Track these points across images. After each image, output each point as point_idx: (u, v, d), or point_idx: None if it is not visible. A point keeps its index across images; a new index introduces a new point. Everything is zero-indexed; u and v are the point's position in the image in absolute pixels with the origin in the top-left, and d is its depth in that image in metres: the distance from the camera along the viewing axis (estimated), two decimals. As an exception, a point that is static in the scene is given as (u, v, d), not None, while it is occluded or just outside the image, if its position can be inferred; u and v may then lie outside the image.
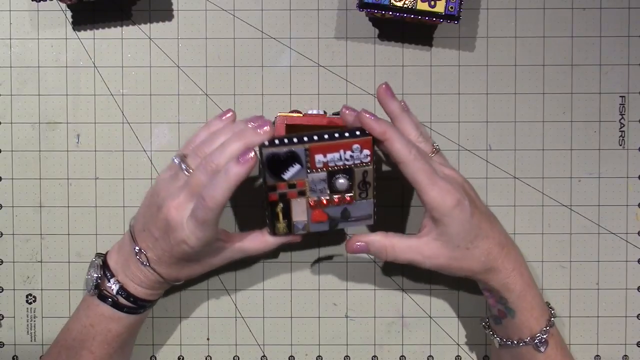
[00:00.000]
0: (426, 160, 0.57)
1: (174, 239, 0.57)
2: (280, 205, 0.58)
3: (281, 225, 0.59)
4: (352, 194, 0.58)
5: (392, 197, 0.69)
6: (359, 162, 0.56)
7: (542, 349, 0.60)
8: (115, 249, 0.62)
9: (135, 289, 0.60)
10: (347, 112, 0.58)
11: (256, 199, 0.68)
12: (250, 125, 0.57)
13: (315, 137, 0.55)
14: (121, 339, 0.62)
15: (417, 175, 0.55)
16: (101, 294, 0.60)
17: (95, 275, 0.61)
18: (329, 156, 0.56)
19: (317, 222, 0.59)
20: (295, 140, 0.55)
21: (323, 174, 0.57)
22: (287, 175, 0.56)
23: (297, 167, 0.56)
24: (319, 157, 0.56)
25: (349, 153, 0.56)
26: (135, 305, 0.61)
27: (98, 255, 0.63)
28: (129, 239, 0.61)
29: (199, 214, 0.55)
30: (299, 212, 0.58)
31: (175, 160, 0.59)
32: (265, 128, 0.56)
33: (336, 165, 0.56)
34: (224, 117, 0.61)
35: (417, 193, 0.56)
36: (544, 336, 0.60)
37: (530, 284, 0.61)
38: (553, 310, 0.62)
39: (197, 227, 0.56)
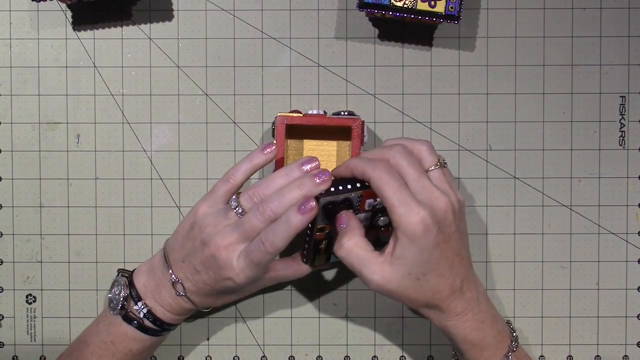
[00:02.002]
0: (395, 178, 0.54)
1: (221, 276, 0.57)
2: (325, 241, 0.59)
3: (321, 258, 0.61)
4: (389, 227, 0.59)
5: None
6: None
7: None
8: (144, 270, 0.62)
9: (164, 314, 0.60)
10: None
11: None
12: (307, 170, 0.58)
13: (367, 184, 0.56)
14: (141, 357, 0.62)
15: (384, 191, 0.54)
16: (127, 315, 0.60)
17: (122, 294, 0.60)
18: (379, 200, 0.57)
19: None
20: (349, 187, 0.57)
21: (368, 214, 0.59)
22: None
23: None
24: (369, 201, 0.58)
25: None
26: (160, 328, 0.61)
27: (121, 272, 0.63)
28: (162, 264, 0.60)
29: (254, 256, 0.56)
30: None
31: (232, 202, 0.58)
32: (324, 178, 0.56)
33: (382, 206, 0.57)
34: (265, 151, 0.60)
35: (388, 211, 0.54)
36: None
37: (479, 327, 0.57)
38: (514, 340, 0.59)
39: (248, 267, 0.56)
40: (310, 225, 0.58)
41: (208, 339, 0.70)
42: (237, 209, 0.58)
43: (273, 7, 0.68)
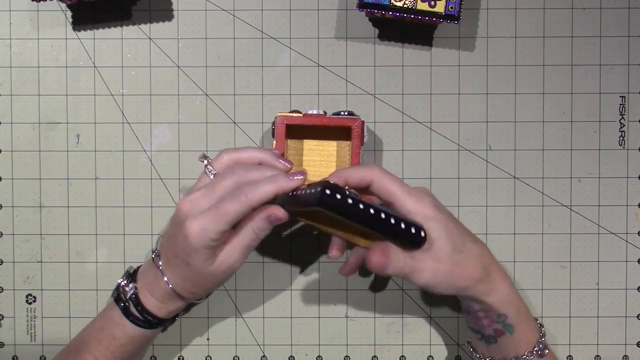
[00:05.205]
0: (393, 176, 0.56)
1: (181, 231, 0.56)
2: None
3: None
4: None
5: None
6: None
7: (546, 351, 0.59)
8: (149, 259, 0.62)
9: (146, 298, 0.60)
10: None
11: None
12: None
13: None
14: (124, 351, 0.61)
15: (391, 187, 0.55)
16: (118, 297, 0.60)
17: (121, 280, 0.61)
18: None
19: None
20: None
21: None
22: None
23: None
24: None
25: None
26: (141, 317, 0.60)
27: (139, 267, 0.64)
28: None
29: (226, 206, 0.55)
30: None
31: (201, 160, 0.60)
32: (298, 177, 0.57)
33: None
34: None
35: (396, 205, 0.55)
36: (542, 345, 0.59)
37: (519, 294, 0.60)
38: (538, 319, 0.62)
39: (211, 220, 0.55)
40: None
41: (208, 339, 0.70)
42: (210, 173, 0.58)
43: (273, 7, 0.68)
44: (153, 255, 0.60)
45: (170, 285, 0.59)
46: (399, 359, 0.70)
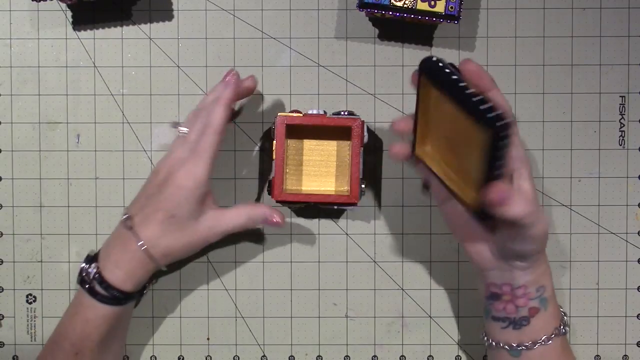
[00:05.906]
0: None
1: (167, 187, 0.59)
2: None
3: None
4: None
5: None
6: None
7: (567, 327, 0.59)
8: (116, 230, 0.62)
9: (110, 273, 0.59)
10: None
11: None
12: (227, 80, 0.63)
13: None
14: (100, 332, 0.60)
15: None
16: (82, 280, 0.60)
17: (83, 263, 0.61)
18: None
19: None
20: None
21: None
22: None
23: None
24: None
25: None
26: (107, 294, 0.59)
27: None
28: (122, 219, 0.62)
29: (199, 144, 0.60)
30: None
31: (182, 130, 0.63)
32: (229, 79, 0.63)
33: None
34: (226, 79, 0.63)
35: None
36: (566, 320, 0.60)
37: None
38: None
39: (193, 161, 0.59)
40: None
41: (208, 339, 0.70)
42: (182, 133, 0.63)
43: (273, 7, 0.68)
44: (124, 218, 0.61)
45: (144, 246, 0.59)
46: (399, 359, 0.70)
